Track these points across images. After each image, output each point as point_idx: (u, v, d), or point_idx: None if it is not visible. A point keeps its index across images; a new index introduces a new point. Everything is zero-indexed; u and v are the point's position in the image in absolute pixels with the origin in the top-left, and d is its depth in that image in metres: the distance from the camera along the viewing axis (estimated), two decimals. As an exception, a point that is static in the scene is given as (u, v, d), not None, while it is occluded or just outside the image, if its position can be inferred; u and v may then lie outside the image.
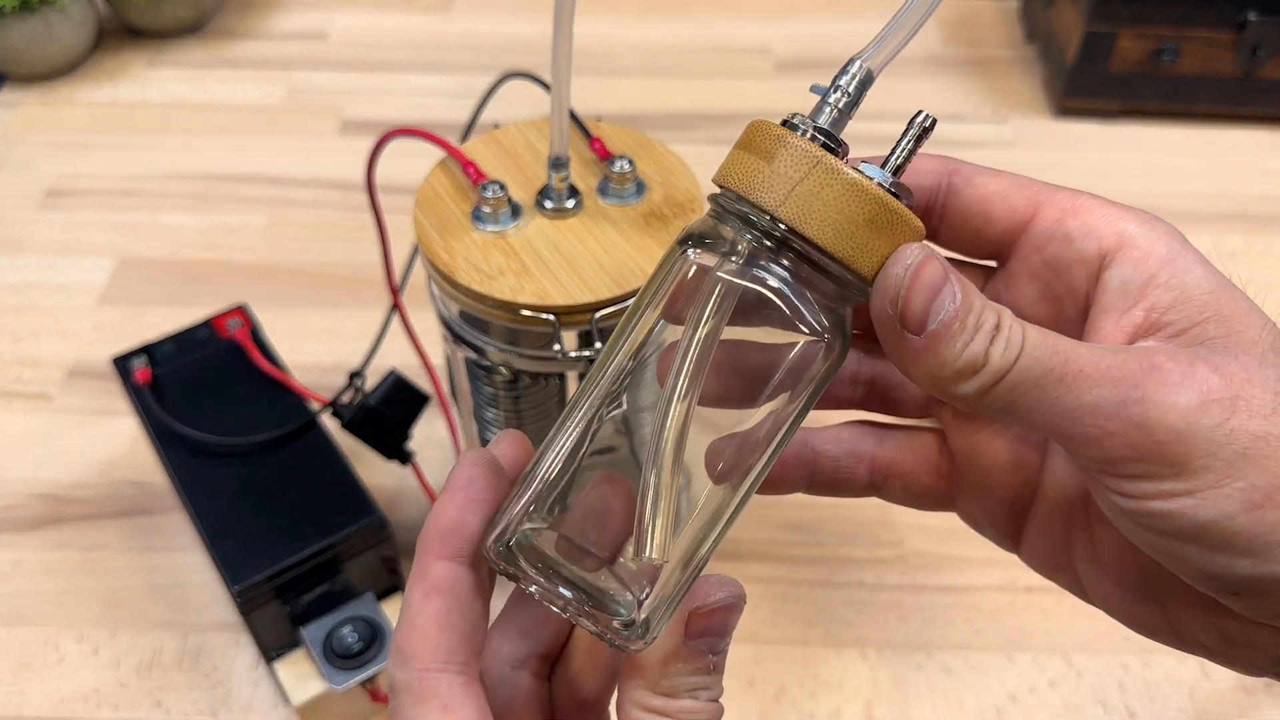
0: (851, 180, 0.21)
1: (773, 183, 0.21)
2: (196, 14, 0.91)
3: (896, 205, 0.22)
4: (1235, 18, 0.76)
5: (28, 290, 0.69)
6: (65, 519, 0.56)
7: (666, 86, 0.87)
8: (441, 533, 0.23)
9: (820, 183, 0.21)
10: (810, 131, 0.22)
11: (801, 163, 0.21)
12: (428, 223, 0.39)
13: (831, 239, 0.21)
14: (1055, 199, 0.24)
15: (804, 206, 0.21)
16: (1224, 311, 0.22)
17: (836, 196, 0.21)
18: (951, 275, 0.21)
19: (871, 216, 0.21)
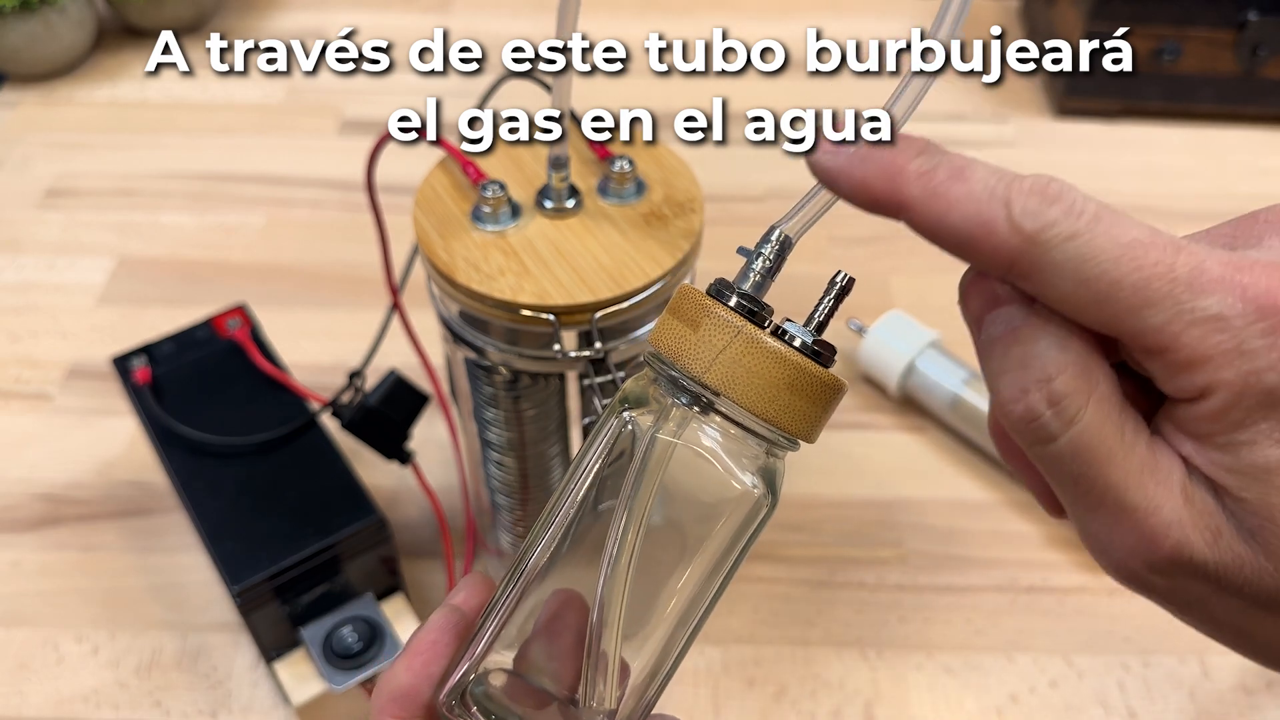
0: (771, 349, 0.23)
1: (699, 350, 0.23)
2: (196, 14, 0.91)
3: (814, 370, 0.23)
4: (1236, 17, 0.76)
5: (27, 290, 0.69)
6: (64, 519, 0.56)
7: (667, 86, 0.87)
8: (395, 695, 0.24)
9: (742, 350, 0.23)
10: (734, 299, 0.24)
11: (724, 331, 0.23)
12: (427, 222, 0.38)
13: (755, 402, 0.23)
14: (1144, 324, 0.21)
15: (727, 373, 0.23)
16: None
17: (757, 363, 0.23)
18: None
19: (791, 380, 0.23)
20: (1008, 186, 0.21)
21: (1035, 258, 0.20)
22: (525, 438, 0.43)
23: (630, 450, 0.25)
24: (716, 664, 0.50)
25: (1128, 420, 0.21)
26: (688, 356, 0.23)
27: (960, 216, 0.21)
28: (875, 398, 0.62)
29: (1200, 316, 0.20)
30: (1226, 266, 0.20)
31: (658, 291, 0.37)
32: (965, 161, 0.21)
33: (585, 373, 0.37)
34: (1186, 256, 0.20)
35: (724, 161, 0.79)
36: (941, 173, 0.21)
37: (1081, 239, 0.20)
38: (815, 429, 0.24)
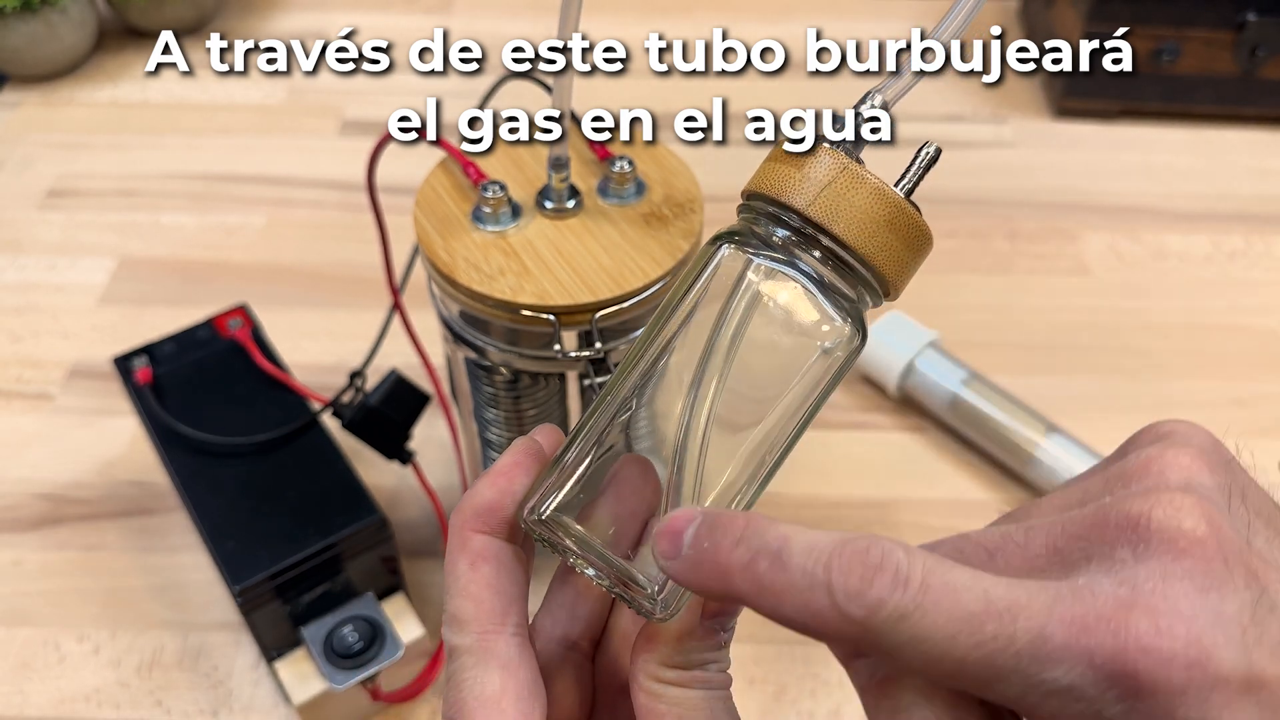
0: (875, 185, 0.24)
1: (803, 186, 0.24)
2: (197, 14, 0.91)
3: (912, 211, 0.24)
4: (1235, 17, 0.76)
5: (28, 290, 0.69)
6: (66, 519, 0.56)
7: (667, 86, 0.87)
8: (479, 510, 0.24)
9: (847, 186, 0.23)
10: (838, 144, 0.24)
11: (830, 168, 0.24)
12: (428, 223, 0.39)
13: (856, 236, 0.23)
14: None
15: (832, 206, 0.23)
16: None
17: (862, 198, 0.23)
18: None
19: (891, 218, 0.24)
20: (826, 568, 0.20)
21: (873, 640, 0.19)
22: (525, 437, 0.43)
23: (728, 287, 0.24)
24: (716, 663, 0.50)
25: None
26: (792, 192, 0.24)
27: (791, 608, 0.20)
28: (875, 398, 0.62)
29: (1053, 689, 0.18)
30: (1070, 629, 0.18)
31: (658, 291, 0.37)
32: (782, 542, 0.20)
33: (585, 373, 0.38)
34: (1025, 623, 0.18)
35: (724, 161, 0.79)
36: (762, 563, 0.20)
37: (912, 619, 0.19)
38: (905, 275, 0.24)
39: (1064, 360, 0.65)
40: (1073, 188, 0.77)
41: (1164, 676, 0.18)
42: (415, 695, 0.47)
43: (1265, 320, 0.67)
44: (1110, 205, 0.76)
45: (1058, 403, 0.61)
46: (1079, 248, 0.73)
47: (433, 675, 0.47)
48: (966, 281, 0.70)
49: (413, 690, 0.47)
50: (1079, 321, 0.67)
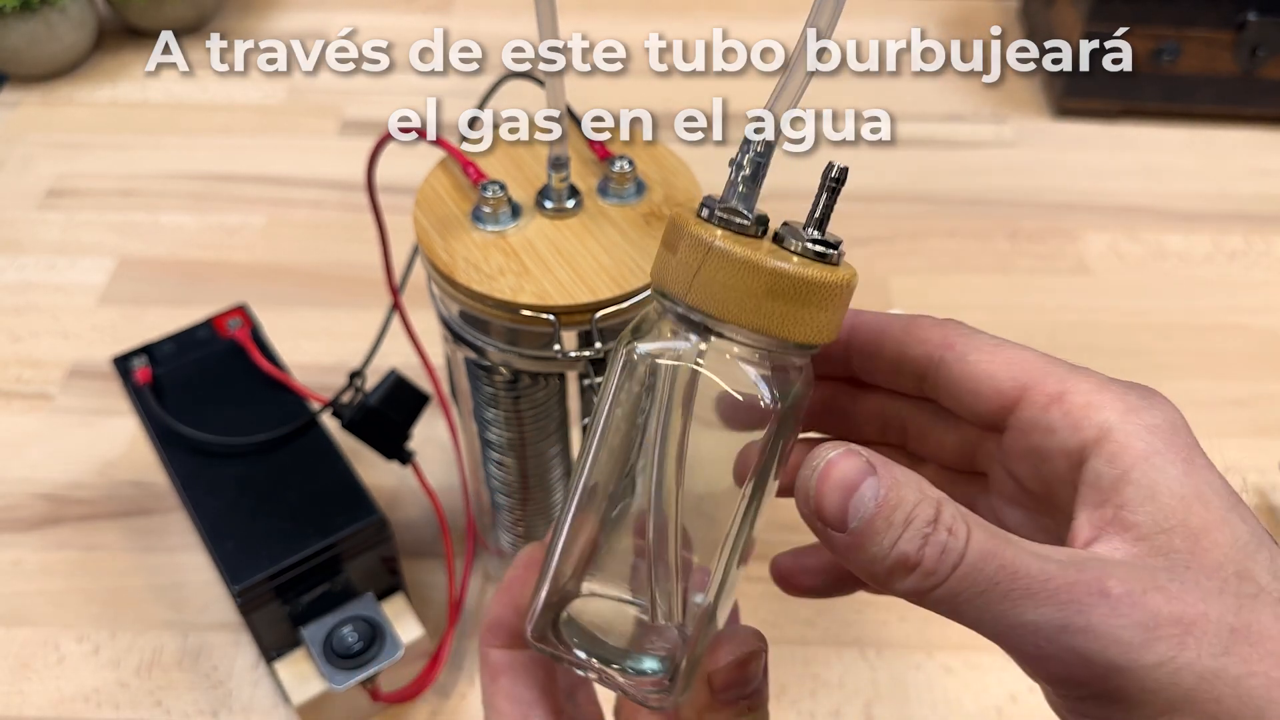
0: (741, 259, 0.22)
1: (679, 273, 0.23)
2: (197, 14, 0.91)
3: (793, 271, 0.22)
4: (1235, 17, 0.76)
5: (27, 290, 0.69)
6: (65, 519, 0.56)
7: (667, 86, 0.87)
8: (490, 626, 0.27)
9: (715, 267, 0.22)
10: (714, 214, 0.23)
11: (697, 250, 0.22)
12: (427, 223, 0.39)
13: (735, 314, 0.22)
14: (1044, 384, 0.24)
15: (707, 291, 0.22)
16: (1192, 522, 0.21)
17: (731, 277, 0.22)
18: (879, 468, 0.21)
19: (770, 288, 0.22)
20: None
21: None
22: (525, 438, 0.43)
23: (646, 380, 0.24)
24: (716, 663, 0.50)
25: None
26: (670, 280, 0.23)
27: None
28: (875, 398, 0.62)
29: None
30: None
31: (658, 291, 0.37)
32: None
33: (585, 373, 0.37)
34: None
35: (724, 161, 0.79)
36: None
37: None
38: (812, 329, 0.23)
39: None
40: (1073, 187, 0.77)
41: None
42: (415, 696, 0.47)
43: (1265, 320, 0.67)
44: (1111, 205, 0.76)
45: (1058, 403, 0.61)
46: (1079, 247, 0.72)
47: (432, 676, 0.47)
48: (967, 281, 0.70)
49: (412, 691, 0.47)
50: (1079, 321, 0.67)
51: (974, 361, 0.24)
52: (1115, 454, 0.22)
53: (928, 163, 0.79)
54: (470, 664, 0.50)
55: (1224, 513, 0.21)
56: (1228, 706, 0.19)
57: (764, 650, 0.25)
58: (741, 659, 0.25)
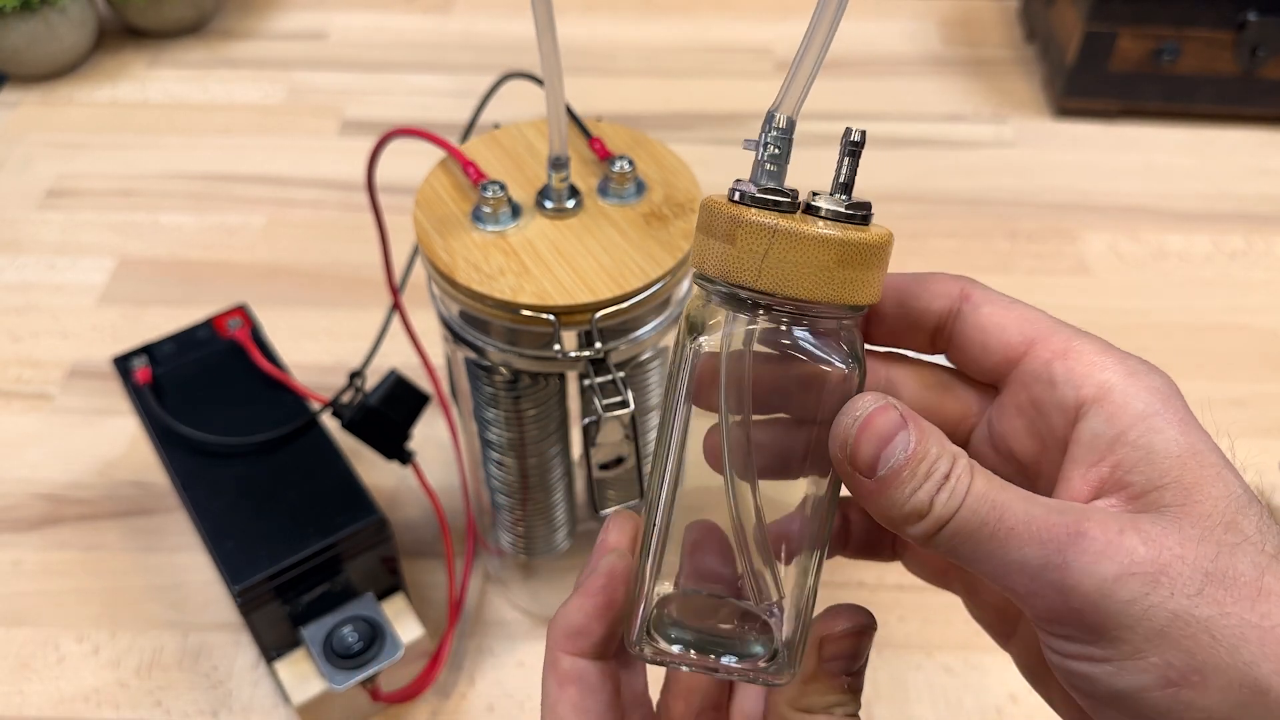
0: (810, 236, 0.23)
1: (744, 261, 0.23)
2: (196, 14, 0.91)
3: (856, 237, 0.23)
4: (1235, 17, 0.76)
5: (28, 290, 0.69)
6: (65, 519, 0.56)
7: (667, 86, 0.87)
8: (569, 632, 0.26)
9: (784, 249, 0.23)
10: (755, 197, 0.23)
11: (760, 236, 0.23)
12: (428, 223, 0.39)
13: (812, 290, 0.23)
14: (1050, 340, 0.25)
15: (778, 273, 0.23)
16: (1186, 478, 0.22)
17: (802, 255, 0.23)
18: (911, 423, 0.22)
19: (840, 258, 0.23)
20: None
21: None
22: (525, 438, 0.43)
23: (714, 374, 0.24)
24: (716, 663, 0.50)
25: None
26: (735, 270, 0.23)
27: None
28: (875, 398, 0.62)
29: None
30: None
31: (658, 292, 0.37)
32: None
33: (585, 373, 0.37)
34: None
35: (724, 162, 0.80)
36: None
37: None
38: (876, 289, 0.24)
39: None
40: (1073, 187, 0.77)
41: None
42: (415, 695, 0.47)
43: (1266, 320, 0.67)
44: (1111, 205, 0.76)
45: (1058, 403, 0.61)
46: (1079, 247, 0.73)
47: (432, 676, 0.47)
48: (967, 281, 0.70)
49: (412, 690, 0.47)
50: (1079, 321, 0.67)
51: (987, 313, 0.26)
52: (1113, 414, 0.23)
53: (928, 163, 0.79)
54: (470, 663, 0.50)
55: (1219, 469, 0.22)
56: (1202, 644, 0.20)
57: (874, 628, 0.26)
58: (856, 629, 0.26)
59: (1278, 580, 0.21)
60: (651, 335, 0.39)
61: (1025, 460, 0.25)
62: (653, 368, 0.43)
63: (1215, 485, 0.22)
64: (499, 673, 0.50)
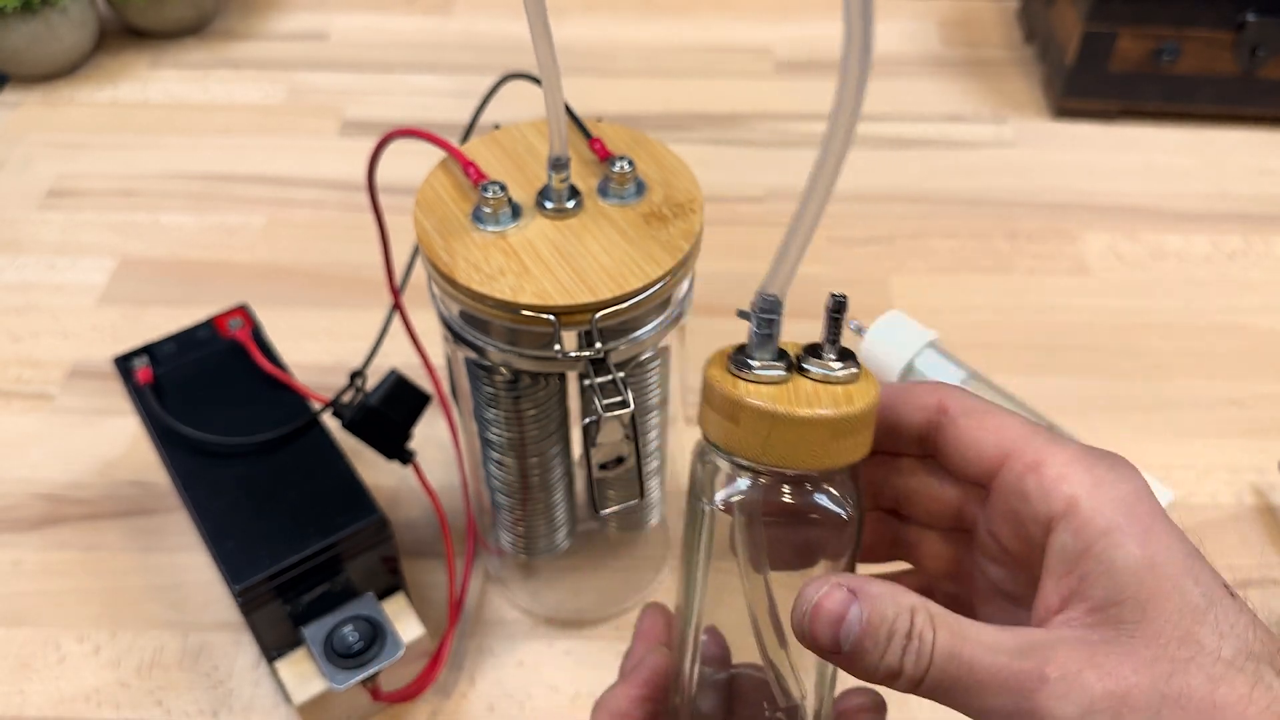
0: (807, 419, 0.25)
1: (748, 440, 0.26)
2: (197, 15, 0.91)
3: (848, 413, 0.25)
4: (1235, 18, 0.76)
5: (28, 290, 0.69)
6: (65, 519, 0.56)
7: (666, 87, 0.87)
8: (615, 715, 0.30)
9: (784, 430, 0.25)
10: (756, 371, 0.26)
11: (762, 421, 0.25)
12: (428, 223, 0.39)
13: (811, 461, 0.26)
14: (1023, 453, 0.26)
15: (780, 451, 0.26)
16: (1142, 594, 0.23)
17: (801, 435, 0.25)
18: (860, 596, 0.24)
19: (834, 432, 0.25)
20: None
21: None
22: (525, 437, 0.43)
23: (730, 525, 0.28)
24: (716, 663, 0.50)
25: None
26: (741, 448, 0.26)
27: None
28: (875, 398, 0.62)
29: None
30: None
31: (658, 292, 0.37)
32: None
33: (585, 373, 0.38)
34: None
35: (724, 162, 0.80)
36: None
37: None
38: (867, 445, 0.27)
39: (1063, 360, 0.65)
40: (1072, 188, 0.78)
41: None
42: (415, 695, 0.47)
43: (1265, 320, 0.68)
44: (1110, 205, 0.76)
45: (1057, 402, 0.61)
46: (1079, 248, 0.73)
47: (433, 675, 0.47)
48: (966, 281, 0.70)
49: (413, 690, 0.47)
50: (1078, 321, 0.67)
51: (963, 426, 0.27)
52: (1079, 528, 0.24)
53: (927, 163, 0.79)
54: (471, 663, 0.50)
55: (1176, 580, 0.23)
56: None
57: (885, 708, 0.30)
58: (872, 705, 0.30)
59: (1231, 690, 0.22)
60: (651, 335, 0.39)
61: (1017, 557, 0.27)
62: (653, 368, 0.43)
63: (1170, 598, 0.23)
64: (499, 672, 0.50)
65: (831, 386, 0.26)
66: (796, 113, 0.84)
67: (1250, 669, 0.22)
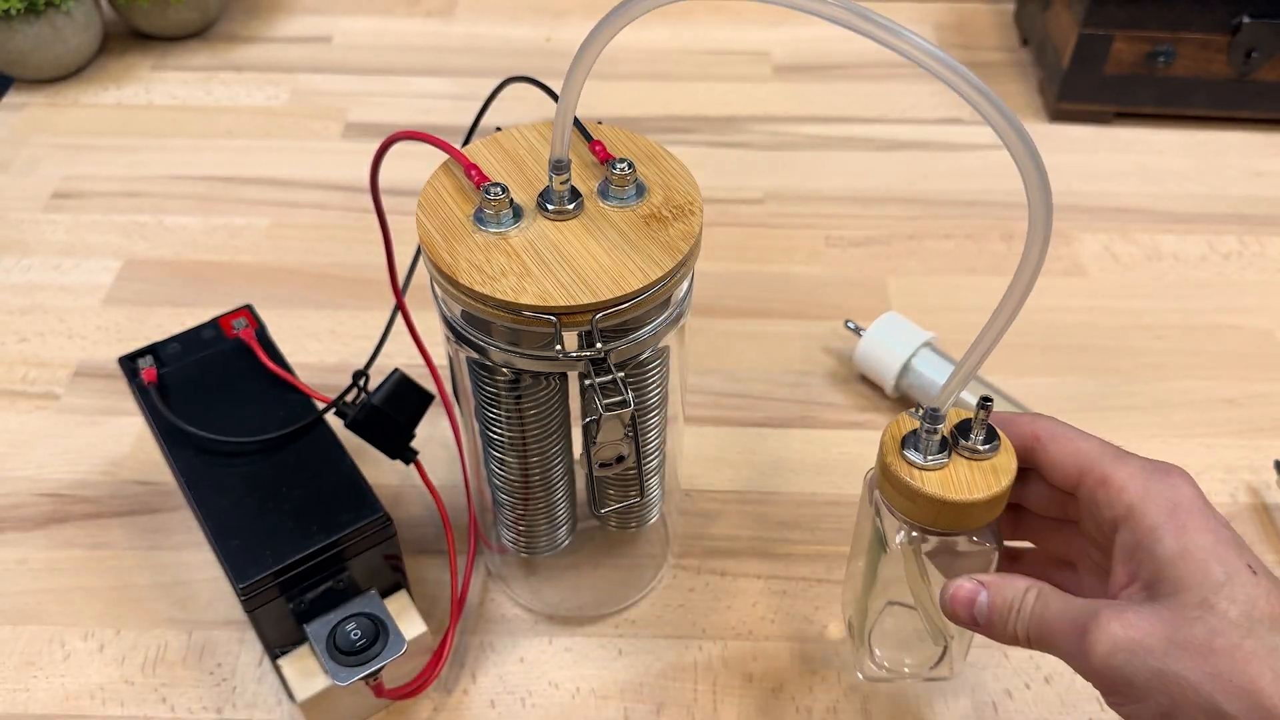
0: (965, 503, 0.36)
1: (924, 514, 0.37)
2: (201, 17, 0.92)
3: (995, 494, 0.36)
4: (1230, 20, 0.77)
5: (34, 291, 0.69)
6: (71, 517, 0.56)
7: (666, 90, 0.88)
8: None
9: (949, 511, 0.37)
10: (926, 460, 0.37)
11: (934, 503, 0.37)
12: (430, 224, 0.39)
13: (968, 524, 0.38)
14: (1094, 470, 0.36)
15: (947, 521, 0.37)
16: (1174, 575, 0.32)
17: (960, 512, 0.37)
18: (987, 585, 0.36)
19: (985, 508, 0.37)
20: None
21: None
22: (527, 437, 0.44)
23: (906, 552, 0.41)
24: (716, 659, 0.50)
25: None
26: (917, 518, 0.38)
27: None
28: (872, 397, 0.63)
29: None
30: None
31: (658, 292, 0.38)
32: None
33: (586, 372, 0.38)
34: None
35: (723, 164, 0.80)
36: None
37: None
38: (1003, 506, 0.38)
39: (1060, 360, 0.65)
40: (1068, 190, 0.78)
41: None
42: (418, 691, 0.48)
43: (1260, 320, 0.68)
44: (1106, 207, 0.77)
45: (1053, 403, 0.62)
46: (1075, 249, 0.73)
47: (435, 672, 0.48)
48: (963, 282, 0.70)
49: (415, 687, 0.48)
50: (1074, 322, 0.68)
51: (1052, 451, 0.37)
52: (1134, 528, 0.34)
53: (924, 165, 0.80)
54: (472, 659, 0.51)
55: (1203, 563, 0.32)
56: (1178, 689, 0.31)
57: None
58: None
59: (1227, 640, 0.31)
60: (651, 335, 0.40)
61: (1102, 547, 0.36)
62: (653, 367, 0.43)
63: (1195, 576, 0.32)
64: (501, 669, 0.50)
65: (981, 462, 0.37)
66: (794, 115, 0.85)
67: (1249, 626, 0.31)
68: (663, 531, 0.55)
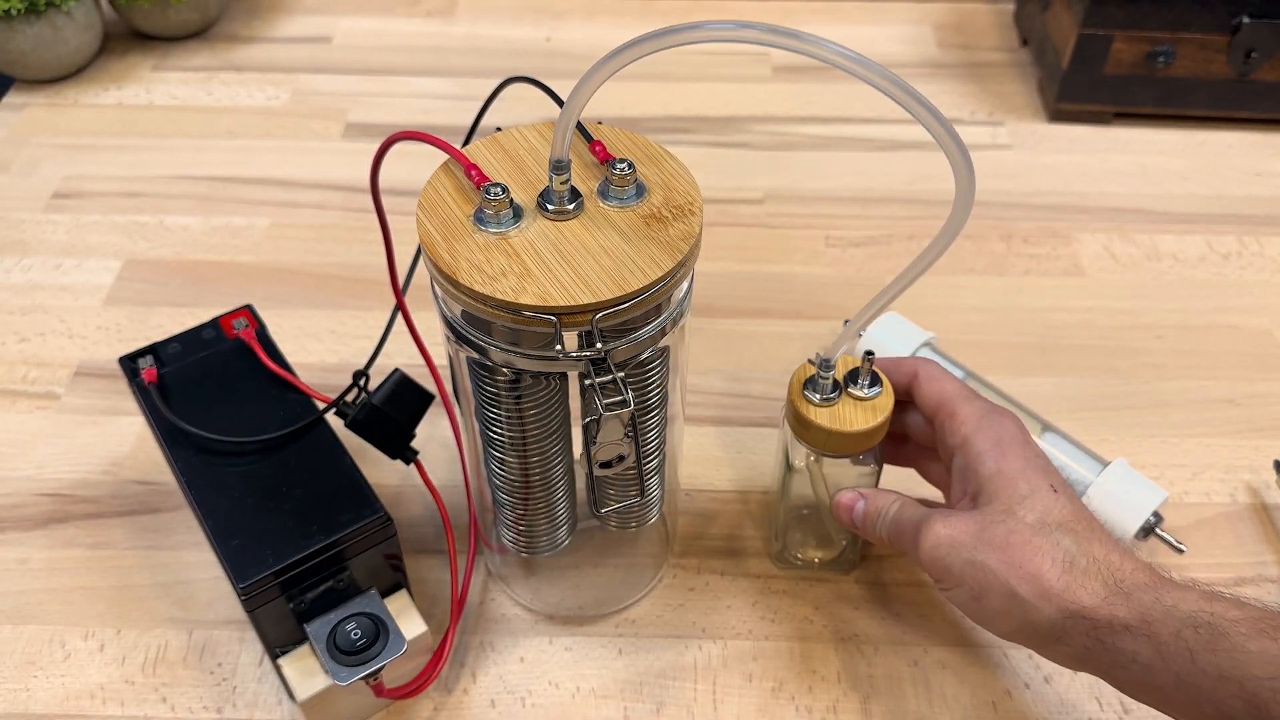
0: (850, 433, 0.45)
1: (815, 439, 0.46)
2: (201, 18, 0.92)
3: (876, 424, 0.46)
4: (1229, 21, 0.77)
5: (34, 291, 0.70)
6: (71, 517, 0.57)
7: (666, 90, 0.88)
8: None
9: (837, 439, 0.46)
10: (823, 397, 0.46)
11: (822, 432, 0.46)
12: (430, 224, 0.39)
13: (855, 449, 0.47)
14: (944, 405, 0.45)
15: (834, 447, 0.46)
16: (990, 489, 0.42)
17: (845, 440, 0.46)
18: (862, 497, 0.47)
19: (868, 435, 0.46)
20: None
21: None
22: (527, 436, 0.44)
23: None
24: (715, 659, 0.50)
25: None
26: (812, 442, 0.47)
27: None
28: (872, 398, 0.63)
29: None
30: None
31: (658, 292, 0.38)
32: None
33: (586, 372, 0.38)
34: None
35: (723, 164, 0.80)
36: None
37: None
38: (885, 431, 0.47)
39: (1059, 360, 0.65)
40: (1068, 190, 0.78)
41: None
42: (418, 691, 0.48)
43: (1259, 320, 0.68)
44: (1105, 207, 0.77)
45: (1053, 402, 0.62)
46: (1074, 249, 0.73)
47: (435, 671, 0.48)
48: (963, 282, 0.70)
49: (415, 686, 0.48)
50: (1074, 322, 0.68)
51: (924, 388, 0.46)
52: (966, 452, 0.43)
53: (923, 165, 0.80)
54: (472, 659, 0.51)
55: (1013, 480, 0.41)
56: (984, 575, 0.40)
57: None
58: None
59: (1022, 538, 0.39)
60: (651, 335, 0.40)
61: (950, 469, 0.45)
62: (653, 367, 0.44)
63: (1005, 491, 0.41)
64: (501, 668, 0.50)
65: (864, 402, 0.46)
66: (794, 115, 0.85)
67: (1042, 529, 0.39)
68: (663, 531, 0.55)
